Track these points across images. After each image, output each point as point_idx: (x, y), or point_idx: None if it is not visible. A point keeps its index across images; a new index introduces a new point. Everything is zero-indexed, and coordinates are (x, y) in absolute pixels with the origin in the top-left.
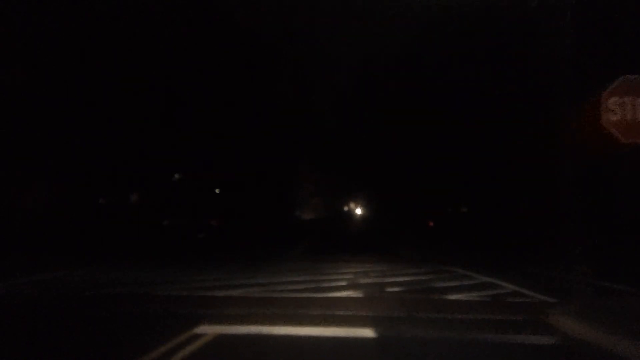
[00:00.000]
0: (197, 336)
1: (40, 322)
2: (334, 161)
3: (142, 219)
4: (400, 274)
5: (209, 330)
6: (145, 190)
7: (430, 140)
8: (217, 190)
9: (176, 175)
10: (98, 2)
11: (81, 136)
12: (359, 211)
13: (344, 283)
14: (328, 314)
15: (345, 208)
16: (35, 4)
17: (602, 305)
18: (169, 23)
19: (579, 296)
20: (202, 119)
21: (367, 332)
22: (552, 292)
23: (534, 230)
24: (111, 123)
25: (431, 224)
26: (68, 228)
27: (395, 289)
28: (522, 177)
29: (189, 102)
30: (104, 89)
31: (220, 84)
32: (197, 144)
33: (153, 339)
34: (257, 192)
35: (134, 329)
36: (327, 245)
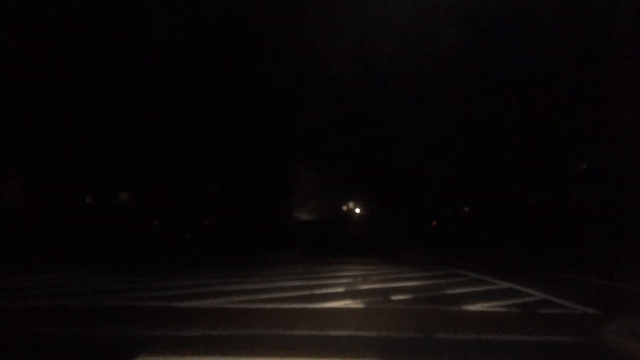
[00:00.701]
0: None
1: None
2: (333, 160)
3: (131, 219)
4: (406, 278)
5: None
6: (136, 190)
7: (430, 138)
8: (212, 190)
9: (170, 175)
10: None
11: (68, 132)
12: (358, 211)
13: (341, 289)
14: (318, 335)
15: (345, 208)
16: (31, 4)
17: None
18: (161, 18)
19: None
20: (196, 116)
21: None
22: (590, 301)
23: (545, 229)
24: (102, 120)
25: (435, 223)
26: (49, 228)
27: (402, 296)
28: (528, 173)
29: (182, 99)
30: (94, 84)
31: (215, 81)
32: (191, 143)
33: None
34: (254, 192)
35: None
36: (325, 246)
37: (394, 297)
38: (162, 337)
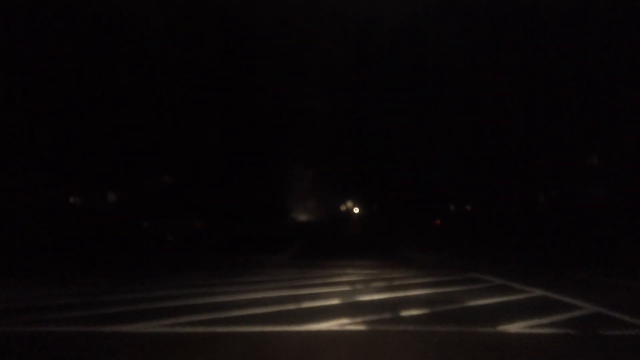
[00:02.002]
0: None
1: None
2: (331, 159)
3: (116, 221)
4: (416, 285)
5: None
6: (126, 190)
7: (432, 133)
8: (205, 190)
9: (161, 174)
10: None
11: (55, 130)
12: (357, 211)
13: (336, 301)
14: None
15: (343, 208)
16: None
17: None
18: (155, 15)
19: None
20: (191, 114)
21: None
22: None
23: (559, 226)
24: (92, 119)
25: (438, 222)
26: (25, 230)
27: (415, 311)
28: (535, 168)
29: (176, 97)
30: (83, 82)
31: (210, 79)
32: (185, 141)
33: None
34: (250, 192)
35: None
36: (322, 247)
37: (404, 313)
38: None
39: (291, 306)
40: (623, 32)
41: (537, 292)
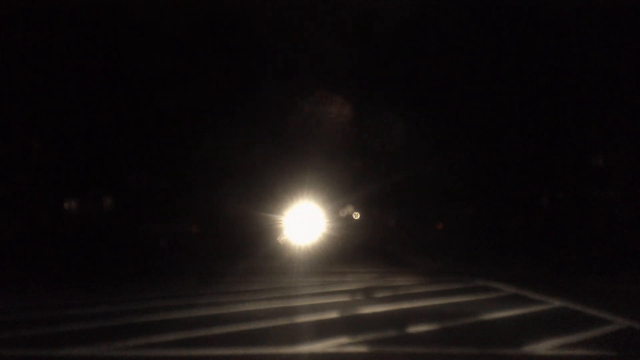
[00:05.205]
0: None
1: None
2: (329, 163)
3: (112, 226)
4: (422, 295)
5: None
6: (122, 194)
7: (431, 137)
8: (203, 194)
9: (160, 179)
10: None
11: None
12: (356, 216)
13: (333, 315)
14: None
15: (342, 213)
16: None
17: None
18: (150, 18)
19: None
20: (186, 118)
21: None
22: None
23: (565, 230)
24: (86, 121)
25: (441, 226)
26: (15, 236)
27: (423, 327)
28: (539, 170)
29: (170, 100)
30: (77, 84)
31: (205, 81)
32: (181, 145)
33: None
34: (249, 198)
35: None
36: (320, 252)
37: (412, 329)
38: None
39: (282, 321)
40: (632, 31)
41: (556, 303)
